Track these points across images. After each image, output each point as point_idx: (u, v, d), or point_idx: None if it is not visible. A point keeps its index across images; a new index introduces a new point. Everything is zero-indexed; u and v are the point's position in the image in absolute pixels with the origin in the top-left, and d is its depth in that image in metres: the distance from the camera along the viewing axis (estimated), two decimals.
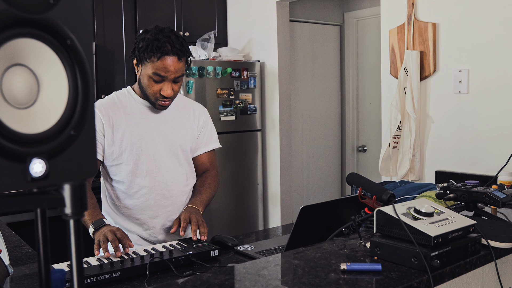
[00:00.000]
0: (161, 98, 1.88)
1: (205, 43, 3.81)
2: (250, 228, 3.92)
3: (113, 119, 1.90)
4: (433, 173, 2.80)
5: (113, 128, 1.90)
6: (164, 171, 1.97)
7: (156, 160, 1.95)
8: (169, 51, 1.80)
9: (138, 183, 1.94)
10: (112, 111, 1.92)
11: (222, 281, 1.14)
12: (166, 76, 1.83)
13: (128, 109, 1.95)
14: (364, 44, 4.55)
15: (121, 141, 1.90)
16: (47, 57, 0.63)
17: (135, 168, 1.93)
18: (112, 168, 1.95)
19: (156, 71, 1.82)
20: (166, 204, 1.99)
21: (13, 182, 0.60)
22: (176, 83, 1.88)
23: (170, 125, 2.00)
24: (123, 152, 1.91)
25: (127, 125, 1.92)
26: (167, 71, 1.82)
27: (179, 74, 1.86)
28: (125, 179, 1.94)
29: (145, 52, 1.82)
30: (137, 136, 1.92)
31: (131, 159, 1.92)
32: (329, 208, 1.71)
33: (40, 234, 0.71)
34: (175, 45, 1.81)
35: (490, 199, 1.53)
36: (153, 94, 1.88)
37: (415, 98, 2.81)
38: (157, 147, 1.96)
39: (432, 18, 2.78)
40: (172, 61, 1.82)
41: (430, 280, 1.14)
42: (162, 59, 1.81)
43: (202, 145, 2.10)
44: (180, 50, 1.82)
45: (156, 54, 1.80)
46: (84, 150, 0.67)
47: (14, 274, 1.51)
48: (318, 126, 4.57)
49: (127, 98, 1.97)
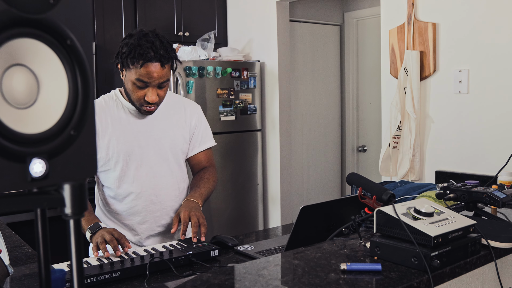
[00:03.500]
0: (146, 104, 1.84)
1: (205, 43, 3.81)
2: (250, 228, 3.92)
3: (98, 125, 1.86)
4: (433, 173, 2.80)
5: (98, 135, 1.86)
6: (151, 176, 1.94)
7: (143, 166, 1.92)
8: (152, 58, 1.75)
9: (126, 189, 1.92)
10: (98, 117, 1.86)
11: (222, 281, 1.14)
12: (150, 82, 1.79)
13: (114, 113, 1.91)
14: (364, 44, 4.55)
15: (108, 148, 1.88)
16: (47, 57, 0.63)
17: (123, 174, 1.90)
18: (100, 174, 1.94)
19: (139, 77, 1.78)
20: (155, 209, 1.96)
21: (13, 182, 0.60)
22: (161, 88, 1.84)
23: (160, 128, 1.96)
24: (110, 158, 1.89)
25: (113, 131, 1.89)
26: (150, 77, 1.77)
27: (163, 80, 1.81)
28: (112, 185, 1.92)
29: (127, 57, 1.78)
30: (123, 142, 1.89)
31: (118, 165, 1.89)
32: (329, 208, 1.71)
33: (40, 234, 0.71)
34: (158, 51, 1.76)
35: (490, 199, 1.53)
36: (137, 99, 1.83)
37: (415, 98, 2.81)
38: (144, 152, 1.92)
39: (432, 18, 2.78)
40: (155, 68, 1.77)
41: (430, 280, 1.14)
42: (145, 66, 1.76)
43: (197, 145, 2.06)
44: (163, 56, 1.77)
45: (138, 60, 1.75)
46: (84, 150, 0.67)
47: (14, 274, 1.51)
48: (318, 126, 4.57)
49: (114, 102, 1.93)
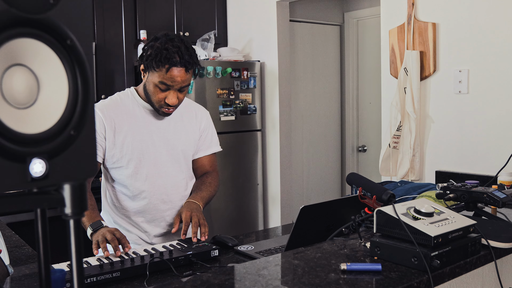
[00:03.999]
0: (166, 106, 1.87)
1: (205, 43, 3.81)
2: (250, 228, 3.92)
3: (115, 121, 1.89)
4: (433, 173, 2.80)
5: (114, 131, 1.89)
6: (164, 176, 1.97)
7: (156, 165, 1.95)
8: (178, 63, 1.79)
9: (138, 187, 1.94)
10: (114, 113, 1.90)
11: (222, 281, 1.14)
12: (172, 86, 1.82)
13: (131, 112, 1.94)
14: (364, 44, 4.55)
15: (122, 144, 1.90)
16: (47, 57, 0.63)
17: (135, 172, 1.92)
18: (112, 171, 1.95)
19: (162, 80, 1.81)
20: (165, 208, 1.98)
21: (13, 182, 0.60)
22: (182, 92, 1.87)
23: (172, 130, 1.99)
24: (123, 155, 1.90)
25: (129, 129, 1.91)
26: (173, 81, 1.81)
27: (185, 84, 1.85)
28: (125, 182, 1.94)
29: (153, 61, 1.80)
30: (139, 140, 1.92)
31: (132, 163, 1.91)
32: (329, 208, 1.71)
33: (40, 234, 0.71)
34: (184, 57, 1.79)
35: (490, 199, 1.53)
36: (157, 101, 1.87)
37: (415, 98, 2.81)
38: (158, 152, 1.95)
39: (432, 18, 2.78)
40: (179, 72, 1.80)
41: (430, 280, 1.14)
42: (170, 70, 1.79)
43: (203, 148, 2.09)
44: (188, 61, 1.81)
45: (164, 64, 1.78)
46: (84, 150, 0.67)
47: (14, 274, 1.51)
48: (318, 126, 4.57)
49: (130, 100, 1.96)
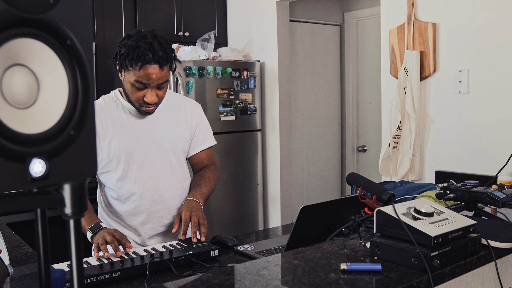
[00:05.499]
0: (145, 104, 1.84)
1: (205, 43, 3.81)
2: (250, 228, 3.92)
3: (98, 126, 1.86)
4: (433, 173, 2.80)
5: (99, 136, 1.87)
6: (153, 176, 1.94)
7: (145, 166, 1.92)
8: (151, 60, 1.75)
9: (128, 190, 1.92)
10: (97, 118, 1.86)
11: (222, 281, 1.14)
12: (149, 84, 1.79)
13: (115, 114, 1.91)
14: (364, 44, 4.55)
15: (109, 148, 1.88)
16: (47, 57, 0.63)
17: (124, 174, 1.90)
18: (102, 176, 1.94)
19: (138, 79, 1.78)
20: (157, 209, 1.96)
21: (13, 182, 0.60)
22: (161, 89, 1.84)
23: (160, 128, 1.96)
24: (111, 159, 1.89)
25: (114, 132, 1.89)
26: (149, 79, 1.77)
27: (162, 81, 1.81)
28: (114, 186, 1.92)
29: (126, 59, 1.77)
30: (125, 142, 1.89)
31: (120, 166, 1.89)
32: (329, 208, 1.71)
33: (40, 234, 0.71)
34: (157, 53, 1.75)
35: (490, 199, 1.53)
36: (137, 100, 1.84)
37: (415, 98, 2.81)
38: (146, 153, 1.92)
39: (432, 18, 2.78)
40: (154, 70, 1.76)
41: (430, 280, 1.14)
42: (144, 68, 1.75)
43: (198, 144, 2.07)
44: (161, 58, 1.76)
45: (137, 62, 1.75)
46: (84, 150, 0.67)
47: (14, 274, 1.51)
48: (318, 126, 4.57)
49: (114, 103, 1.93)
